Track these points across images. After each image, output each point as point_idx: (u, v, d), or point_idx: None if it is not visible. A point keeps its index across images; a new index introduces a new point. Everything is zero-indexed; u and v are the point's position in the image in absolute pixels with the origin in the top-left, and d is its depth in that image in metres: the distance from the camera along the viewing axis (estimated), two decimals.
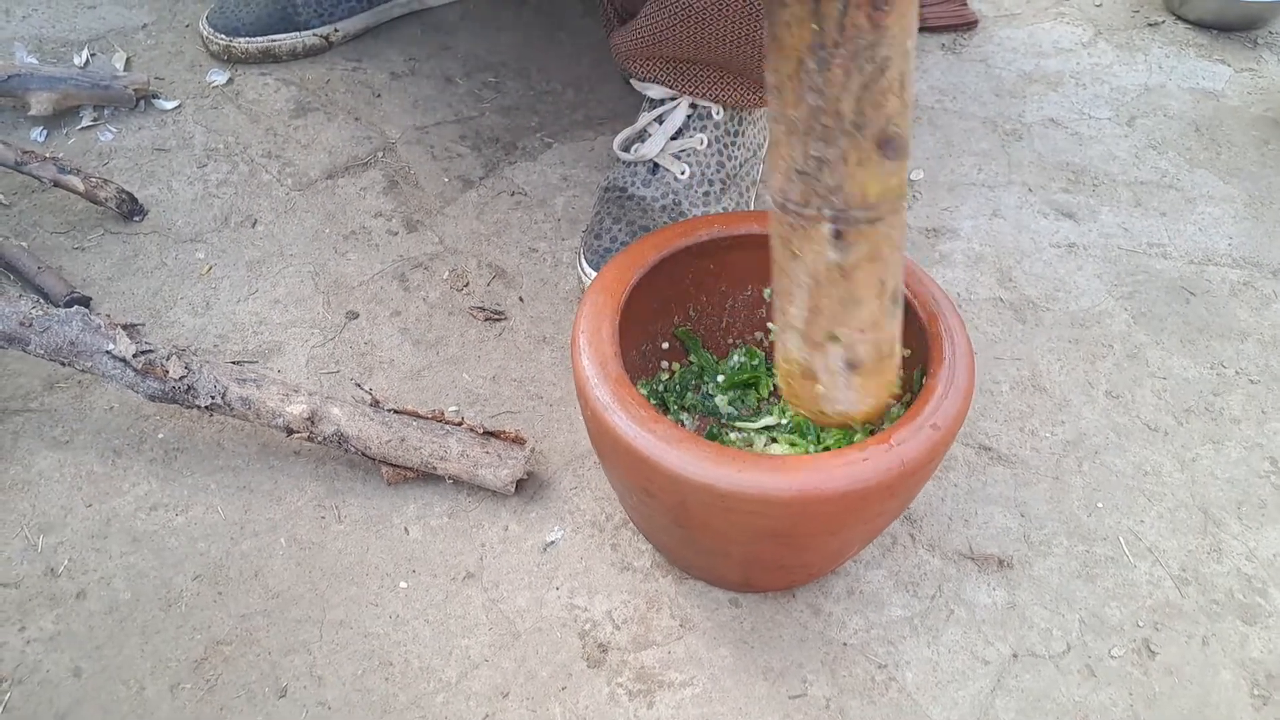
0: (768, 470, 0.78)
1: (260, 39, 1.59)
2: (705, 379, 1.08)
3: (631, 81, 1.33)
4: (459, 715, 0.92)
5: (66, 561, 1.00)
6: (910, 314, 0.93)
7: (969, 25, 1.85)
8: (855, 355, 0.82)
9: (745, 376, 1.06)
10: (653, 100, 1.33)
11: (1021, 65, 1.78)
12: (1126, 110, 1.69)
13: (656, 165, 1.30)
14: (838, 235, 0.74)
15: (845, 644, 0.99)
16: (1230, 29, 1.88)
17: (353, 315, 1.25)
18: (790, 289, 0.81)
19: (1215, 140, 1.64)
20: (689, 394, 1.07)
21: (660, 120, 1.31)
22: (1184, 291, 1.37)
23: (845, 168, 0.71)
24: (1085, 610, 1.03)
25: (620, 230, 1.25)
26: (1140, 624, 1.02)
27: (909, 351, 0.98)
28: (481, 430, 1.06)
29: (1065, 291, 1.35)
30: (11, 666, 0.93)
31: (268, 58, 1.61)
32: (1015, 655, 0.99)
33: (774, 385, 1.05)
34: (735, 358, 1.07)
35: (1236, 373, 1.26)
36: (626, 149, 1.33)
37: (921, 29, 1.83)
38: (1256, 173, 1.58)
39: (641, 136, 1.33)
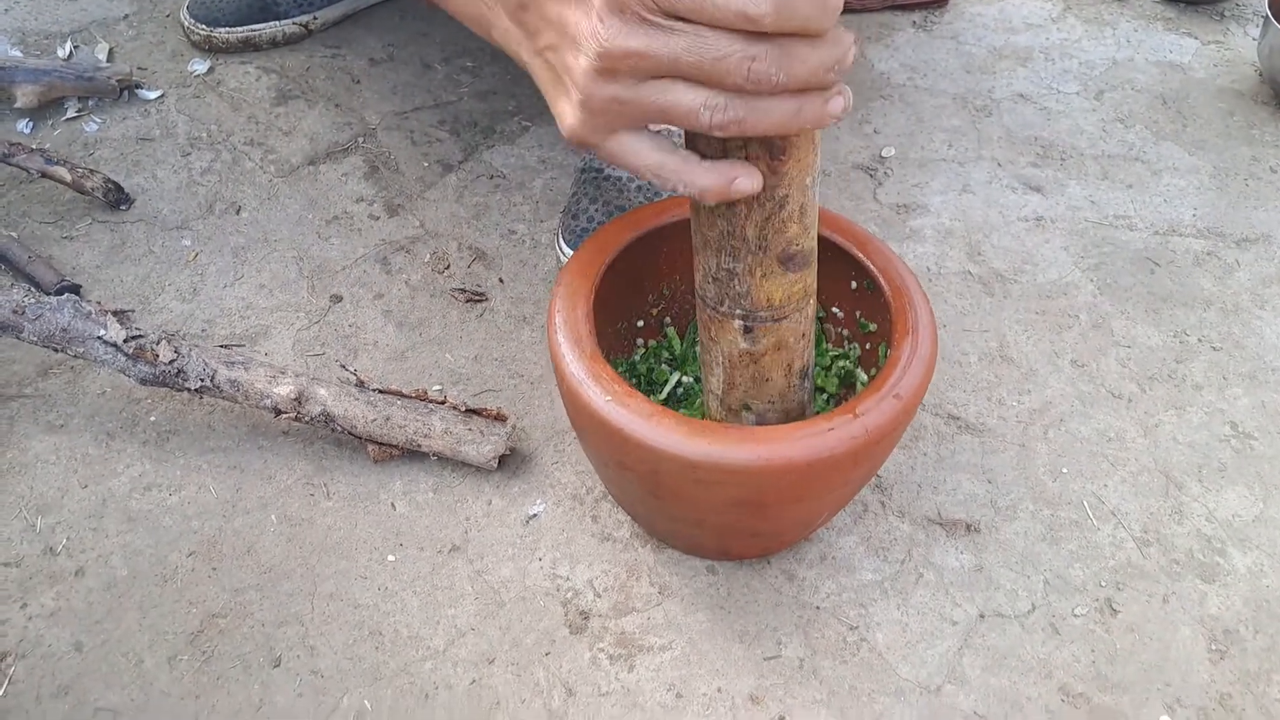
0: (736, 441, 0.81)
1: (241, 28, 1.61)
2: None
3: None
4: (447, 681, 0.95)
5: (65, 541, 1.03)
6: (875, 289, 0.96)
7: (940, 2, 1.87)
8: (764, 421, 0.90)
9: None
10: None
11: (992, 41, 1.81)
12: (1094, 84, 1.72)
13: None
14: (747, 330, 0.83)
15: (818, 607, 1.02)
16: (1197, 2, 1.91)
17: (337, 299, 1.28)
18: (711, 364, 0.89)
19: (1181, 113, 1.67)
20: (661, 369, 1.09)
21: None
22: (1149, 262, 1.40)
23: (751, 279, 0.79)
24: (1050, 571, 1.06)
25: (597, 211, 1.27)
26: (1103, 584, 1.05)
27: (874, 326, 1.01)
28: (464, 408, 1.09)
29: (1033, 264, 1.38)
30: (14, 642, 0.95)
31: (248, 46, 1.63)
32: (982, 615, 1.02)
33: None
34: (674, 377, 1.10)
35: (1199, 340, 1.30)
36: None
37: (893, 6, 1.86)
38: (1221, 144, 1.61)
39: None
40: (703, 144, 0.72)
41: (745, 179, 0.70)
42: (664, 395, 1.07)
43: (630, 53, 0.65)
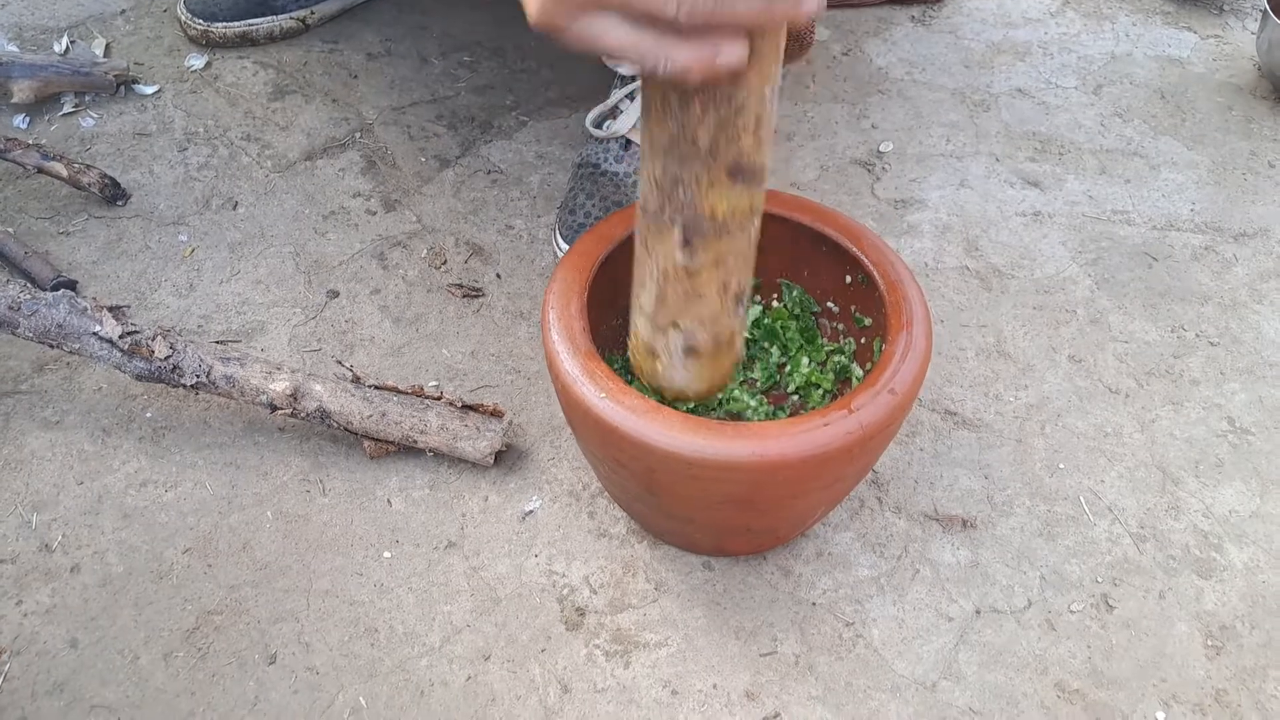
0: (730, 437, 0.81)
1: (237, 23, 1.61)
2: None
3: (604, 59, 1.36)
4: (442, 678, 0.95)
5: (60, 537, 1.03)
6: (870, 284, 0.96)
7: None
8: (694, 342, 0.86)
9: None
10: (624, 77, 1.36)
11: (990, 36, 1.81)
12: (1093, 79, 1.72)
13: (629, 141, 1.32)
14: (686, 242, 0.79)
15: (814, 603, 1.02)
16: None
17: (333, 294, 1.28)
18: (644, 278, 0.86)
19: (1180, 107, 1.67)
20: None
21: (631, 97, 1.34)
22: (1146, 257, 1.40)
23: (697, 187, 0.76)
24: (1046, 567, 1.06)
25: (594, 206, 1.28)
26: (1099, 580, 1.05)
27: (869, 321, 1.01)
28: (460, 404, 1.09)
29: (1030, 259, 1.38)
30: (10, 639, 0.96)
31: (245, 41, 1.63)
32: (978, 611, 1.02)
33: None
34: None
35: (1196, 335, 1.30)
36: (599, 126, 1.35)
37: (892, 0, 1.86)
38: (1220, 139, 1.61)
39: (614, 113, 1.35)
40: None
41: (731, 48, 0.65)
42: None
43: None
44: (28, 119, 1.47)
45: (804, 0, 0.64)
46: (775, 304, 1.10)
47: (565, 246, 1.27)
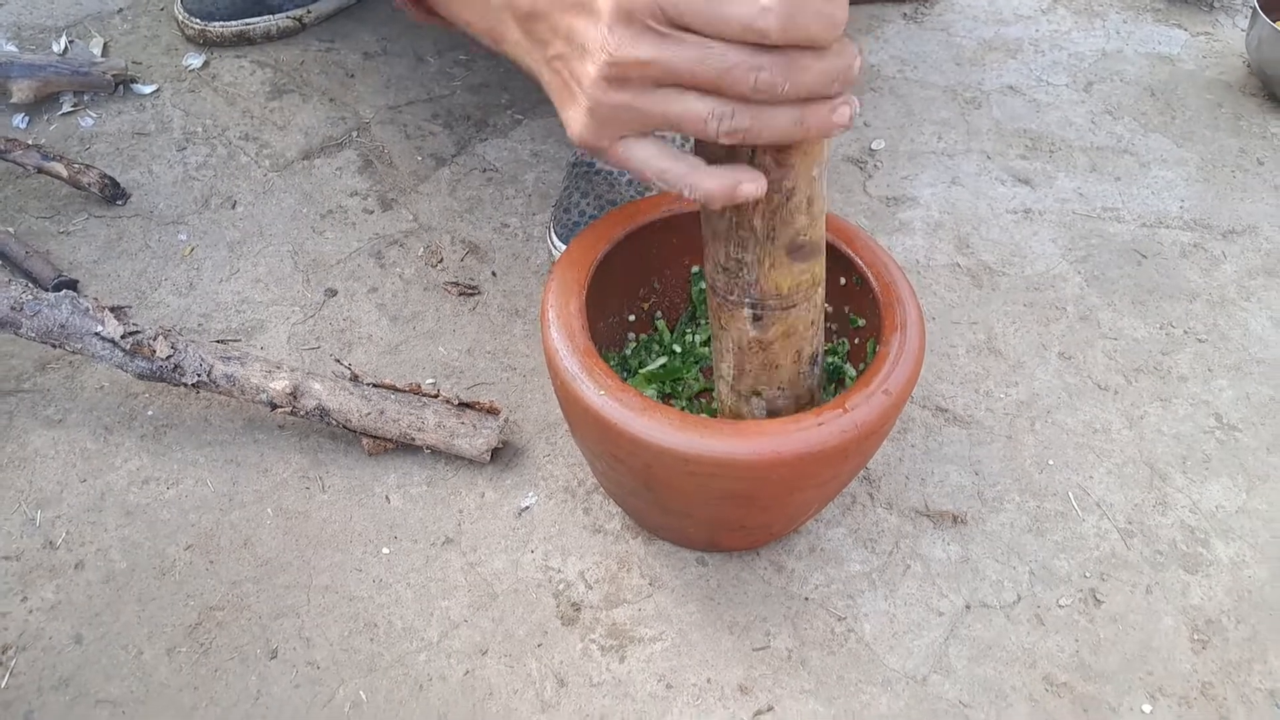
0: (728, 435, 0.82)
1: (235, 22, 1.62)
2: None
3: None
4: (441, 672, 0.97)
5: (64, 534, 1.05)
6: (864, 285, 0.98)
7: None
8: (775, 407, 0.92)
9: (663, 375, 1.11)
10: None
11: (982, 33, 1.82)
12: (1084, 76, 1.73)
13: None
14: (756, 318, 0.84)
15: (806, 598, 1.03)
16: None
17: (331, 293, 1.29)
18: (722, 351, 0.91)
19: (1170, 105, 1.68)
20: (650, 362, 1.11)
21: None
22: (1136, 254, 1.41)
23: (760, 269, 0.80)
24: (1035, 562, 1.07)
25: (588, 205, 1.29)
26: (1087, 574, 1.07)
27: (863, 321, 1.02)
28: (457, 402, 1.10)
29: (1021, 256, 1.40)
30: (15, 634, 0.97)
31: (242, 41, 1.64)
32: (968, 606, 1.04)
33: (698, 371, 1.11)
34: (658, 360, 1.12)
35: (1185, 332, 1.31)
36: None
37: None
38: (1209, 136, 1.62)
39: None
40: (709, 145, 0.73)
41: (749, 183, 0.71)
42: (652, 368, 1.08)
43: (638, 61, 0.66)
44: (27, 119, 1.48)
45: (836, 115, 0.69)
46: None
47: (560, 245, 1.28)
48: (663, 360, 1.09)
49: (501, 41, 0.82)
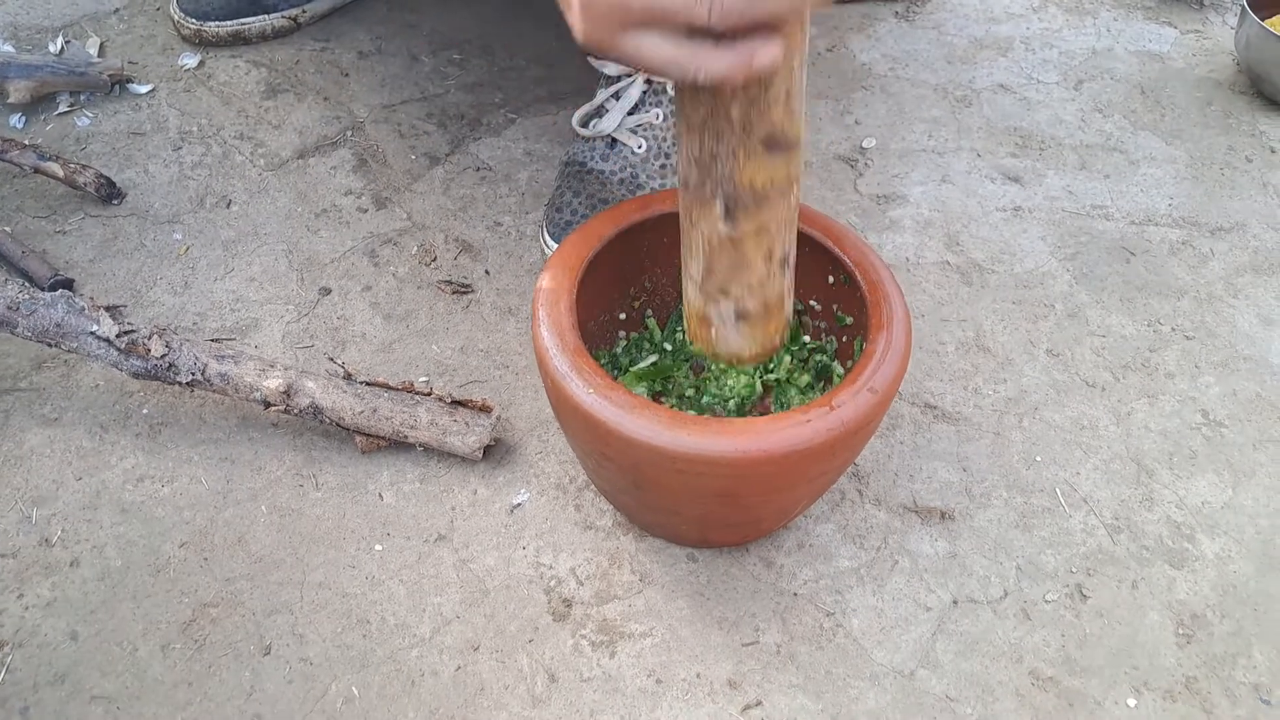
0: (715, 433, 0.83)
1: (230, 22, 1.63)
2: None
3: (589, 58, 1.37)
4: (433, 668, 0.97)
5: (60, 532, 1.05)
6: (851, 283, 0.99)
7: None
8: (743, 307, 0.91)
9: (653, 373, 1.11)
10: (609, 76, 1.37)
11: (973, 31, 1.83)
12: (1074, 74, 1.74)
13: (614, 140, 1.34)
14: (728, 213, 0.83)
15: (795, 594, 1.04)
16: None
17: (325, 291, 1.30)
18: (691, 249, 0.90)
19: (1159, 102, 1.69)
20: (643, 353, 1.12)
21: (617, 96, 1.36)
22: (1125, 251, 1.42)
23: (734, 161, 0.79)
24: (1022, 558, 1.08)
25: (580, 203, 1.29)
26: (1074, 570, 1.08)
27: (850, 320, 1.03)
28: (450, 399, 1.11)
29: (1010, 254, 1.41)
30: (11, 631, 0.98)
31: (238, 40, 1.65)
32: (955, 601, 1.05)
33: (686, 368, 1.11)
34: (649, 358, 1.13)
35: (1173, 329, 1.32)
36: (585, 124, 1.37)
37: None
38: (1198, 134, 1.63)
39: (599, 112, 1.37)
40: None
41: (764, 51, 0.68)
42: (643, 366, 1.09)
43: None
44: (24, 119, 1.49)
45: None
46: None
47: (552, 244, 1.29)
48: (653, 358, 1.10)
49: None
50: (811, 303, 1.09)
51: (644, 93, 1.34)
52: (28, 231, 1.33)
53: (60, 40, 1.61)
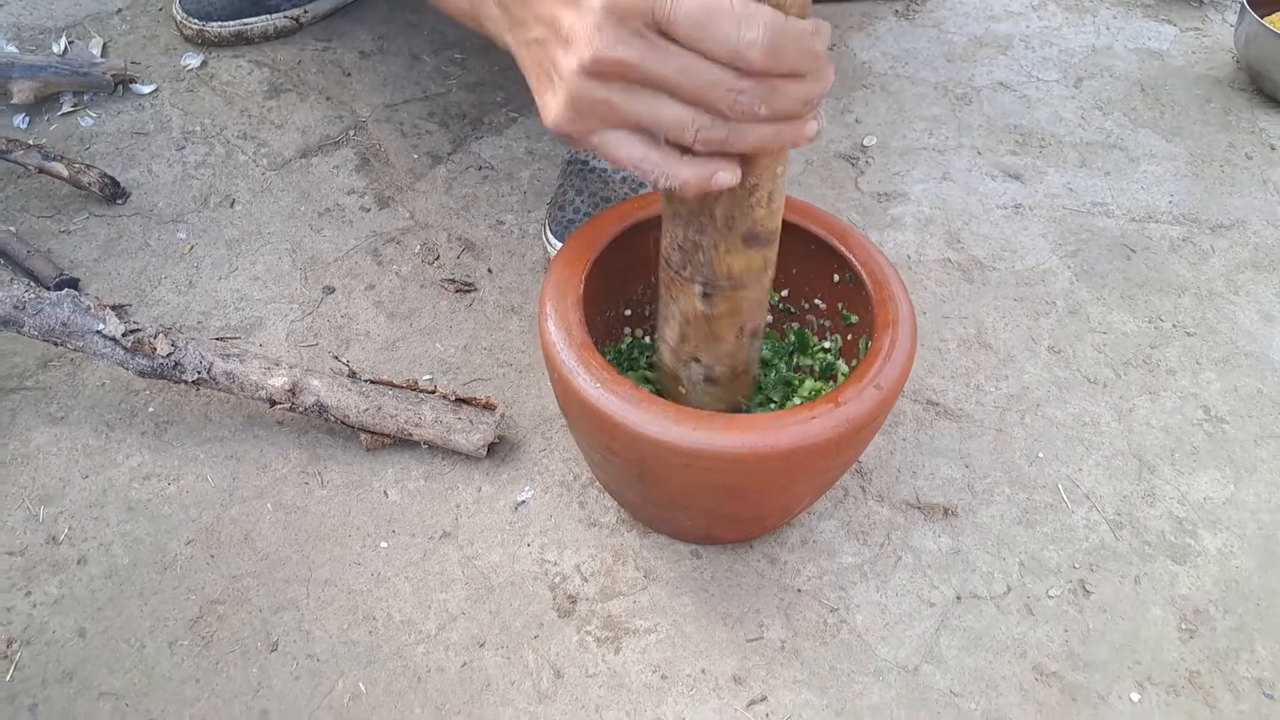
0: (721, 429, 0.83)
1: (232, 22, 1.63)
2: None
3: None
4: (439, 664, 0.98)
5: (67, 530, 1.06)
6: (857, 282, 0.99)
7: None
8: (712, 374, 0.95)
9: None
10: None
11: (972, 29, 1.83)
12: (1074, 72, 1.75)
13: None
14: (706, 295, 0.87)
15: (799, 590, 1.05)
16: None
17: (329, 290, 1.31)
18: (668, 318, 0.94)
19: (1159, 100, 1.70)
20: (645, 357, 1.12)
21: None
22: (1125, 249, 1.43)
23: (715, 253, 0.83)
24: (1025, 554, 1.09)
25: (583, 202, 1.30)
26: (1076, 565, 1.08)
27: (855, 318, 1.04)
28: (454, 397, 1.11)
29: (1011, 251, 1.41)
30: (20, 628, 0.98)
31: (240, 40, 1.65)
32: (959, 597, 1.05)
33: None
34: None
35: (1174, 326, 1.32)
36: None
37: None
38: (1198, 131, 1.63)
39: None
40: None
41: (725, 173, 0.73)
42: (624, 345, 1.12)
43: (624, 63, 0.68)
44: (27, 119, 1.49)
45: (807, 129, 0.72)
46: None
47: (555, 242, 1.29)
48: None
49: (480, 20, 0.84)
50: (816, 301, 1.09)
51: None
52: (32, 231, 1.34)
53: (63, 41, 1.62)
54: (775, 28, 0.65)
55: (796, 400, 1.05)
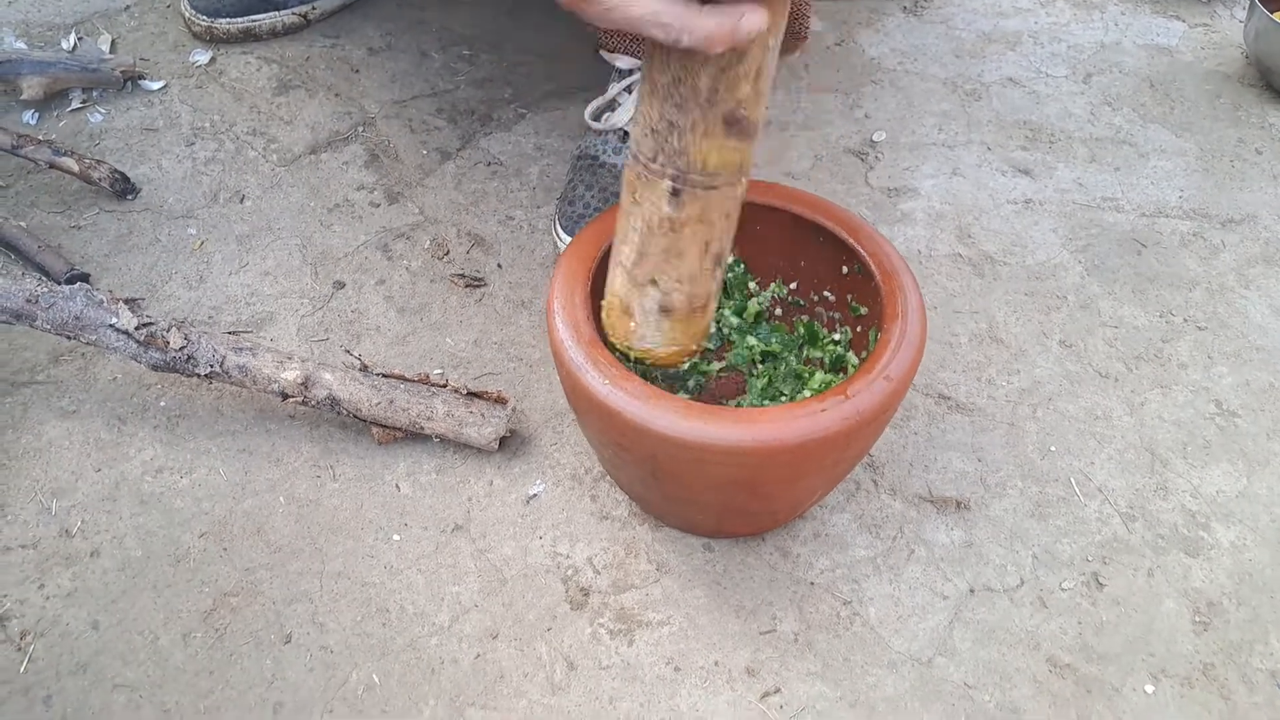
0: (731, 422, 0.83)
1: (241, 19, 1.64)
2: None
3: (601, 53, 1.38)
4: (452, 656, 0.98)
5: (80, 523, 1.06)
6: (866, 274, 0.99)
7: None
8: (669, 301, 0.88)
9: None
10: (621, 70, 1.38)
11: (981, 26, 1.83)
12: (1083, 68, 1.75)
13: (627, 133, 1.35)
14: (674, 192, 0.81)
15: (812, 583, 1.05)
16: None
17: (339, 285, 1.31)
18: (627, 231, 0.87)
19: (1169, 95, 1.69)
20: None
21: (629, 90, 1.36)
22: (1136, 243, 1.42)
23: (691, 135, 0.78)
24: (1038, 547, 1.09)
25: (593, 197, 1.30)
26: (1089, 558, 1.08)
27: (865, 310, 1.03)
28: (465, 391, 1.11)
29: (1022, 246, 1.41)
30: (34, 621, 0.98)
31: (249, 37, 1.65)
32: (972, 590, 1.05)
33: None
34: None
35: (1185, 320, 1.32)
36: (597, 118, 1.37)
37: None
38: (1208, 126, 1.63)
39: (612, 106, 1.37)
40: None
41: (752, 16, 0.68)
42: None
43: None
44: (37, 115, 1.49)
45: None
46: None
47: (565, 237, 1.30)
48: None
49: None
50: (825, 293, 1.09)
51: None
52: (43, 226, 1.34)
53: (72, 37, 1.62)
54: None
55: (806, 393, 1.05)
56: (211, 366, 1.08)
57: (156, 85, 1.56)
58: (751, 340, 1.10)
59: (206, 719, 0.93)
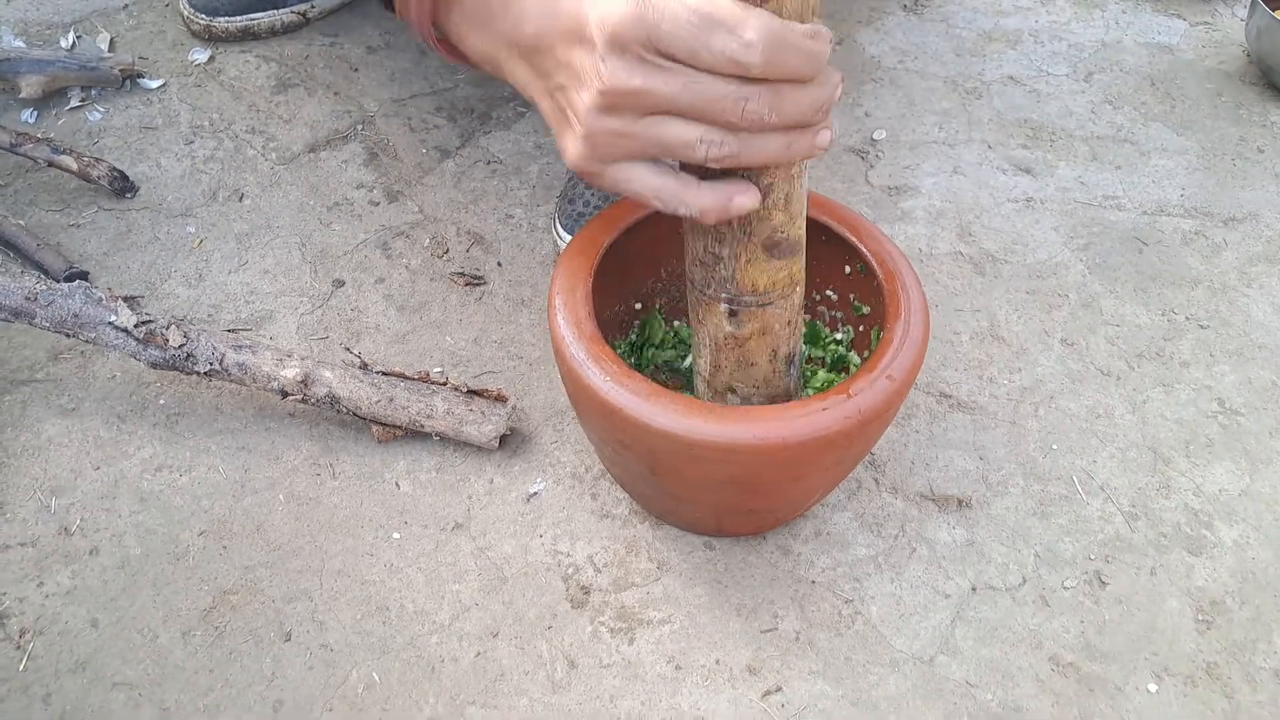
0: (732, 421, 0.83)
1: (239, 18, 1.63)
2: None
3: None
4: (452, 654, 0.97)
5: (79, 521, 1.06)
6: (868, 272, 0.99)
7: None
8: (750, 405, 0.92)
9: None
10: None
11: (981, 24, 1.83)
12: (1084, 66, 1.74)
13: None
14: (732, 314, 0.85)
15: (813, 582, 1.04)
16: None
17: (339, 283, 1.30)
18: (699, 346, 0.92)
19: (1170, 94, 1.69)
20: (651, 350, 1.12)
21: None
22: (1137, 242, 1.42)
23: (736, 264, 0.82)
24: (1040, 545, 1.08)
25: (593, 195, 1.29)
26: (1092, 557, 1.08)
27: (867, 309, 1.03)
28: (465, 389, 1.11)
29: (1023, 245, 1.41)
30: (33, 619, 0.98)
31: (247, 35, 1.65)
32: (974, 589, 1.05)
33: None
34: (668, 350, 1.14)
35: (1187, 319, 1.32)
36: None
37: None
38: (1209, 125, 1.63)
39: None
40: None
41: (742, 196, 0.73)
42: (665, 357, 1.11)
43: (630, 90, 0.68)
44: (35, 113, 1.49)
45: (818, 139, 0.72)
46: None
47: (565, 235, 1.29)
48: (687, 362, 1.10)
49: (502, 71, 0.84)
50: (828, 292, 1.08)
51: None
52: (42, 225, 1.34)
53: (71, 35, 1.62)
54: (771, 30, 0.64)
55: (809, 392, 1.05)
56: (211, 364, 1.08)
57: (155, 83, 1.56)
58: None
59: (206, 717, 0.93)
